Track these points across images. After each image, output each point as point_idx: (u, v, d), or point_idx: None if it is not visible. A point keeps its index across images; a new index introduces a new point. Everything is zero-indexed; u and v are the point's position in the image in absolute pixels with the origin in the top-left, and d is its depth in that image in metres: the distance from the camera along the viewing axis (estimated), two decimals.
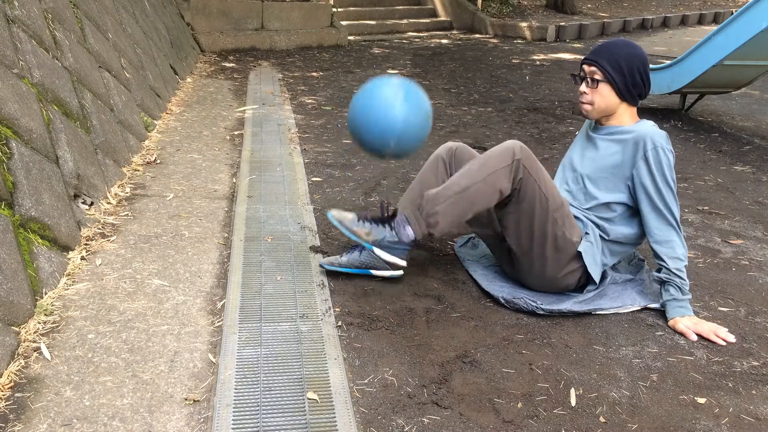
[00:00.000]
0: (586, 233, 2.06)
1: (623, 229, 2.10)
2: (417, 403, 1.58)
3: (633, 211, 2.09)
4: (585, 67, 2.07)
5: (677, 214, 2.01)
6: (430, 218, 1.92)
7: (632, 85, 2.02)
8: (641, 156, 2.00)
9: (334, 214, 2.01)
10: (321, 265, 2.18)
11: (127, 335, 1.77)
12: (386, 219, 2.02)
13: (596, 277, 2.05)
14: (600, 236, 2.09)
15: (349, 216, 2.00)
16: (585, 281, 2.10)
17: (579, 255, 2.02)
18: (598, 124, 2.16)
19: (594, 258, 2.04)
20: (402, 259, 1.97)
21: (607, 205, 2.08)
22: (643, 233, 2.09)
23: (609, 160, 2.07)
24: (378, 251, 1.96)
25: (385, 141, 1.87)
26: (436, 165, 2.21)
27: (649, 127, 2.03)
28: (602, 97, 2.05)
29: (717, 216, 2.95)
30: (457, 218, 1.92)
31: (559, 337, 1.92)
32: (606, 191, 2.08)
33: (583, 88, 2.08)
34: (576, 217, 2.09)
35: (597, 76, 2.04)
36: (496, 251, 2.22)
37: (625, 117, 2.09)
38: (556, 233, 1.97)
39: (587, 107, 2.09)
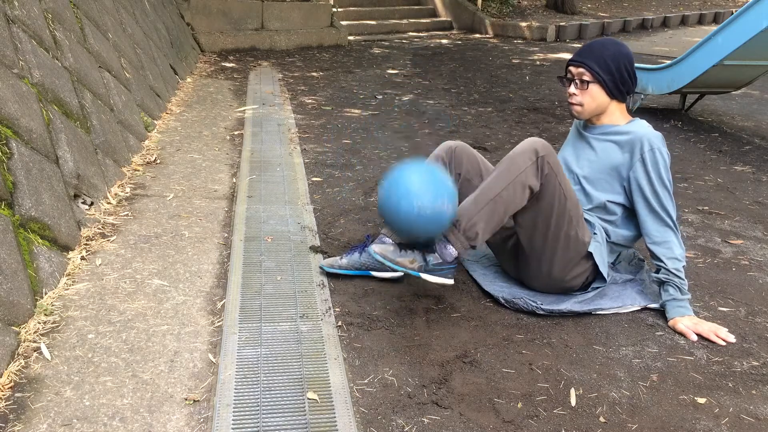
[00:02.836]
0: (594, 233, 2.06)
1: (624, 232, 2.11)
2: (417, 403, 1.58)
3: (631, 212, 2.09)
4: (572, 68, 2.07)
5: (674, 215, 2.01)
6: (469, 231, 1.88)
7: (621, 82, 2.03)
8: (638, 158, 2.00)
9: (376, 250, 1.97)
10: (321, 268, 2.18)
11: (127, 335, 1.77)
12: (425, 244, 1.97)
13: (606, 275, 2.06)
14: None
15: (390, 247, 1.96)
16: (590, 282, 2.10)
17: (587, 255, 2.02)
18: (589, 123, 2.16)
19: (602, 257, 2.05)
20: (448, 278, 1.94)
21: (605, 205, 2.08)
22: (640, 234, 2.10)
23: (606, 162, 2.08)
24: (425, 276, 1.92)
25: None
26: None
27: (644, 128, 2.03)
28: (593, 97, 2.05)
29: (717, 216, 2.95)
30: (495, 225, 1.89)
31: (559, 337, 1.92)
32: (604, 192, 2.09)
33: (572, 89, 2.07)
34: (584, 218, 2.09)
35: (586, 77, 2.03)
36: (499, 250, 2.22)
37: (616, 115, 2.09)
38: (569, 233, 1.96)
39: (578, 108, 2.09)
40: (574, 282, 2.06)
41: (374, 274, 2.15)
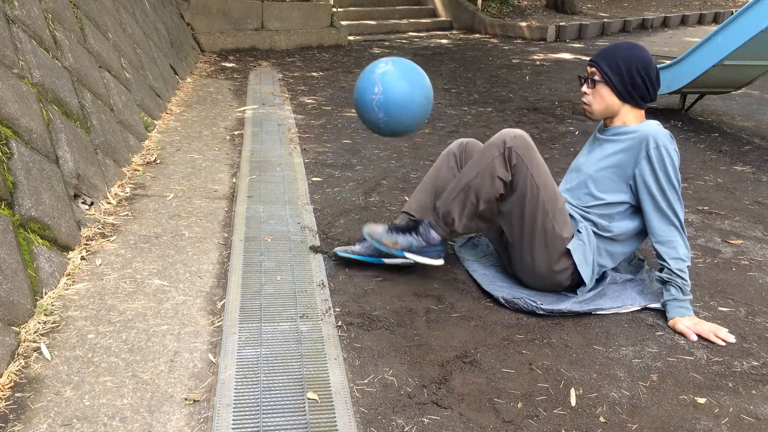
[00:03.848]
0: (578, 231, 2.06)
1: (623, 225, 2.08)
2: (417, 403, 1.58)
3: (635, 208, 2.09)
4: (588, 68, 2.11)
5: (681, 215, 2.01)
6: (446, 218, 2.04)
7: (632, 86, 2.03)
8: (644, 155, 2.00)
9: (367, 230, 2.13)
10: (335, 253, 2.26)
11: (127, 335, 1.77)
12: (413, 227, 2.13)
13: (586, 277, 2.03)
14: (597, 234, 2.09)
15: (379, 228, 2.13)
16: (578, 280, 2.09)
17: (569, 253, 2.02)
18: (604, 126, 2.17)
19: (585, 257, 2.03)
20: (435, 258, 2.11)
21: (609, 204, 2.08)
22: (643, 230, 2.09)
23: (611, 159, 2.08)
24: (411, 256, 2.10)
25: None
26: (447, 159, 2.31)
27: (652, 126, 2.03)
28: (601, 97, 2.07)
29: (717, 216, 2.95)
30: (469, 212, 2.02)
31: (559, 337, 1.92)
32: (608, 192, 2.08)
33: (584, 88, 2.12)
34: (570, 215, 2.09)
35: (596, 77, 2.07)
36: (498, 246, 2.22)
37: (630, 118, 2.09)
38: (546, 226, 1.98)
39: (587, 108, 2.13)
40: (559, 277, 2.05)
41: (386, 261, 2.23)
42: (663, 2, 14.89)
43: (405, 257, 2.14)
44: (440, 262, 2.11)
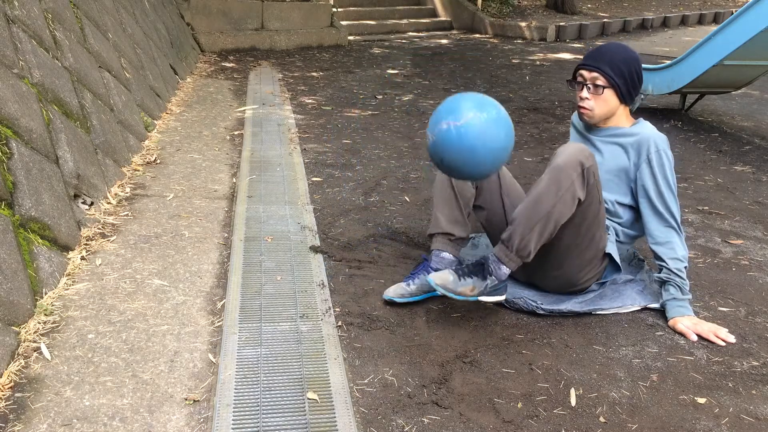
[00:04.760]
0: (609, 233, 2.07)
1: (631, 233, 2.15)
2: (417, 403, 1.58)
3: (638, 213, 2.10)
4: (585, 72, 2.05)
5: (678, 216, 2.02)
6: (522, 251, 1.88)
7: (632, 87, 2.04)
8: (644, 159, 2.02)
9: (437, 282, 1.91)
10: (392, 300, 2.03)
11: (127, 335, 1.77)
12: (481, 266, 1.95)
13: (622, 270, 2.11)
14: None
15: (450, 277, 1.92)
16: (591, 284, 2.10)
17: (602, 257, 2.02)
18: (594, 126, 2.15)
19: (617, 254, 2.08)
20: (503, 294, 1.96)
21: (613, 206, 2.09)
22: (641, 233, 2.11)
23: (613, 164, 2.08)
24: (482, 298, 1.93)
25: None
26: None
27: (650, 129, 2.04)
28: (605, 102, 2.04)
29: (717, 216, 2.95)
30: (545, 239, 1.88)
31: (559, 337, 1.92)
32: (610, 192, 2.10)
33: (584, 94, 2.06)
34: None
35: (599, 82, 2.03)
36: None
37: (622, 118, 2.10)
38: (595, 235, 1.95)
39: (588, 113, 2.08)
40: (585, 284, 2.05)
41: (443, 293, 2.01)
42: (663, 2, 14.88)
43: (482, 302, 1.97)
44: (505, 296, 1.96)
